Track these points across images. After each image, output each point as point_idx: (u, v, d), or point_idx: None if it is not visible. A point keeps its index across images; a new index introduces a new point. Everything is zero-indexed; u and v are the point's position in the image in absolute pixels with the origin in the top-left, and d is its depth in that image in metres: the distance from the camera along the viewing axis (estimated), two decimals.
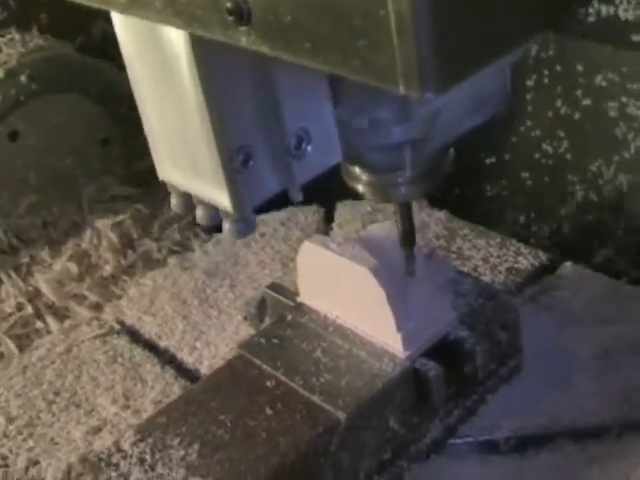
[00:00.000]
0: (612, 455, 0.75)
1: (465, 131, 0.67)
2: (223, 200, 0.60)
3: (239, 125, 0.58)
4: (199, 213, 0.64)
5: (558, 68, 1.03)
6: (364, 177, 0.70)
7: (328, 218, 1.12)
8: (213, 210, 0.63)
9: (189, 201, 0.65)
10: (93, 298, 1.07)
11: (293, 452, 0.70)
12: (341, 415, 0.72)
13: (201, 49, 0.55)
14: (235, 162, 0.58)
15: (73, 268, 1.11)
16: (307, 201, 1.12)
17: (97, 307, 1.06)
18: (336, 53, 0.43)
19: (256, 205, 0.61)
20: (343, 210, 1.11)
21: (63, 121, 1.19)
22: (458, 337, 0.77)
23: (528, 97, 1.06)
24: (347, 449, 0.72)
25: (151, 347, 0.96)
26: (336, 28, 0.43)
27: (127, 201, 1.21)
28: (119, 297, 1.06)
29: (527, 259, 0.97)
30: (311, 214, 1.12)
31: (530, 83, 1.06)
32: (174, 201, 0.66)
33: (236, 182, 0.59)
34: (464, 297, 0.81)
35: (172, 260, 1.09)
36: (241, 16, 0.46)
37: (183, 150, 0.61)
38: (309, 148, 0.61)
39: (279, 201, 0.62)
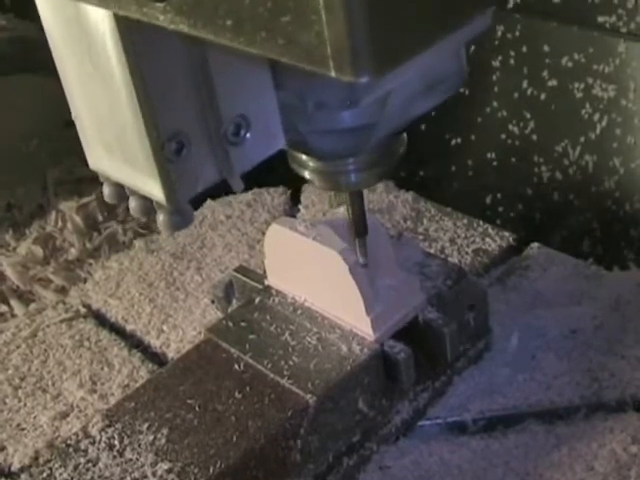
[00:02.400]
0: (580, 436, 0.75)
1: (418, 115, 0.64)
2: (155, 191, 0.57)
3: (171, 111, 0.55)
4: (132, 205, 0.61)
5: (524, 49, 1.02)
6: (311, 163, 0.67)
7: (295, 199, 1.11)
8: (147, 201, 0.60)
9: (122, 191, 0.61)
10: (58, 282, 1.06)
11: (262, 436, 0.70)
12: (310, 398, 0.71)
13: (127, 29, 0.52)
14: (167, 150, 0.55)
15: (38, 251, 1.10)
16: (273, 182, 1.12)
17: (62, 291, 1.05)
18: (259, 31, 0.40)
19: (192, 196, 0.58)
20: (310, 191, 1.10)
21: (26, 102, 1.18)
22: (427, 319, 0.77)
23: (494, 78, 1.06)
24: (316, 432, 0.72)
25: (118, 331, 0.95)
26: (259, 1, 0.39)
27: (92, 183, 1.19)
28: (85, 280, 1.05)
29: (494, 240, 0.97)
30: (277, 195, 1.12)
31: (496, 64, 1.06)
32: (106, 191, 0.62)
33: (169, 172, 0.56)
34: (432, 279, 0.81)
35: (138, 243, 1.08)
36: None
37: (113, 138, 0.58)
38: (248, 135, 0.58)
39: (244, 183, 0.60)
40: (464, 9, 0.45)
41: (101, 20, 0.52)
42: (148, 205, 0.60)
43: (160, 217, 0.59)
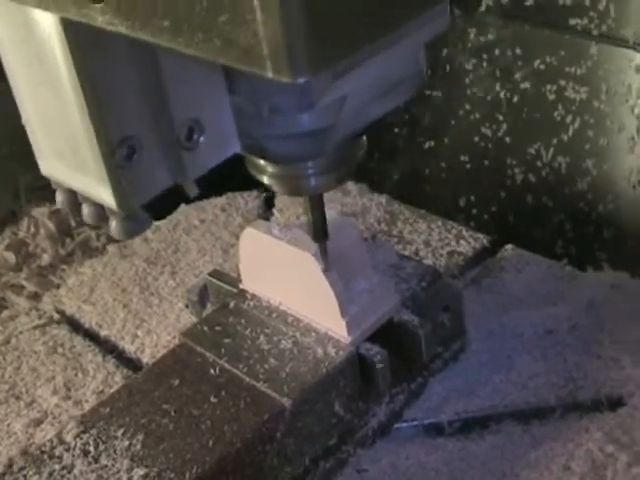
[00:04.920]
0: (556, 436, 0.75)
1: (376, 117, 0.64)
2: (107, 197, 0.56)
3: (121, 116, 0.54)
4: (85, 212, 0.60)
5: (496, 52, 1.03)
6: (269, 168, 0.66)
7: (269, 204, 1.11)
8: (99, 208, 0.59)
9: (75, 198, 0.61)
10: (31, 288, 1.05)
11: (238, 440, 0.70)
12: (286, 401, 0.71)
13: (74, 33, 0.51)
14: (118, 156, 0.55)
15: (10, 257, 1.09)
16: (247, 187, 1.12)
17: (35, 297, 1.04)
18: (197, 32, 0.40)
19: (144, 202, 0.57)
20: (283, 195, 1.10)
21: None
22: (402, 321, 0.77)
23: (467, 81, 1.07)
24: (293, 435, 0.72)
25: (92, 337, 0.95)
26: (195, 1, 0.39)
27: None
28: (58, 286, 1.04)
29: (468, 242, 0.97)
30: (251, 200, 1.12)
31: (469, 67, 1.06)
32: (59, 198, 0.62)
33: (119, 177, 0.55)
34: (407, 281, 0.81)
35: (111, 248, 1.08)
36: None
37: (64, 144, 0.57)
38: (202, 139, 0.57)
39: (218, 187, 0.60)
40: (409, 6, 0.44)
41: (48, 24, 0.52)
42: (101, 212, 0.59)
43: (113, 223, 0.58)
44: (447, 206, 1.11)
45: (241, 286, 0.83)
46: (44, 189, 1.18)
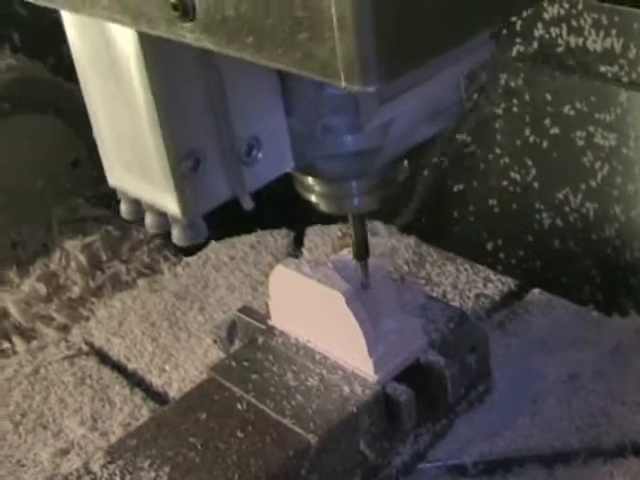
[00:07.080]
0: None
1: (420, 141, 0.67)
2: (172, 205, 0.60)
3: (189, 129, 0.58)
4: (148, 220, 0.64)
5: (527, 97, 1.04)
6: (317, 187, 0.70)
7: (298, 242, 1.12)
8: (162, 217, 0.63)
9: (139, 208, 0.64)
10: (61, 319, 1.07)
11: (264, 475, 0.70)
12: (312, 438, 0.72)
13: (150, 49, 0.55)
14: (184, 167, 0.58)
15: (41, 289, 1.11)
16: (276, 225, 1.13)
17: (65, 328, 1.05)
18: (278, 47, 0.44)
19: (205, 211, 0.61)
20: (313, 234, 1.11)
21: (34, 142, 1.19)
22: (429, 361, 0.77)
23: (497, 125, 1.08)
24: (317, 472, 0.72)
25: (120, 369, 0.96)
26: (279, 21, 0.44)
27: (97, 222, 1.21)
28: (87, 319, 1.05)
29: (495, 285, 0.98)
30: (281, 238, 1.12)
31: (499, 112, 1.07)
32: (123, 208, 0.65)
33: (185, 187, 0.59)
34: (434, 322, 0.81)
35: (141, 282, 1.09)
36: (186, 11, 0.47)
37: (133, 155, 0.61)
38: (260, 155, 0.61)
39: (248, 225, 0.62)
40: (473, 23, 0.48)
41: (127, 41, 0.55)
42: (163, 220, 0.63)
43: (175, 231, 0.62)
44: (475, 249, 1.11)
45: (270, 323, 0.83)
46: (76, 223, 1.21)
